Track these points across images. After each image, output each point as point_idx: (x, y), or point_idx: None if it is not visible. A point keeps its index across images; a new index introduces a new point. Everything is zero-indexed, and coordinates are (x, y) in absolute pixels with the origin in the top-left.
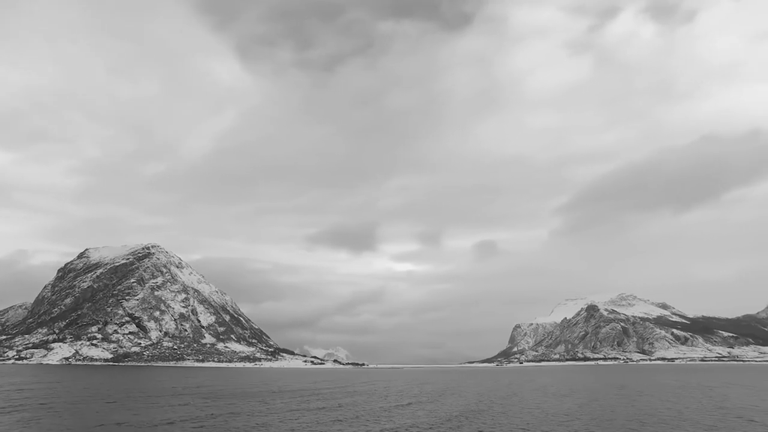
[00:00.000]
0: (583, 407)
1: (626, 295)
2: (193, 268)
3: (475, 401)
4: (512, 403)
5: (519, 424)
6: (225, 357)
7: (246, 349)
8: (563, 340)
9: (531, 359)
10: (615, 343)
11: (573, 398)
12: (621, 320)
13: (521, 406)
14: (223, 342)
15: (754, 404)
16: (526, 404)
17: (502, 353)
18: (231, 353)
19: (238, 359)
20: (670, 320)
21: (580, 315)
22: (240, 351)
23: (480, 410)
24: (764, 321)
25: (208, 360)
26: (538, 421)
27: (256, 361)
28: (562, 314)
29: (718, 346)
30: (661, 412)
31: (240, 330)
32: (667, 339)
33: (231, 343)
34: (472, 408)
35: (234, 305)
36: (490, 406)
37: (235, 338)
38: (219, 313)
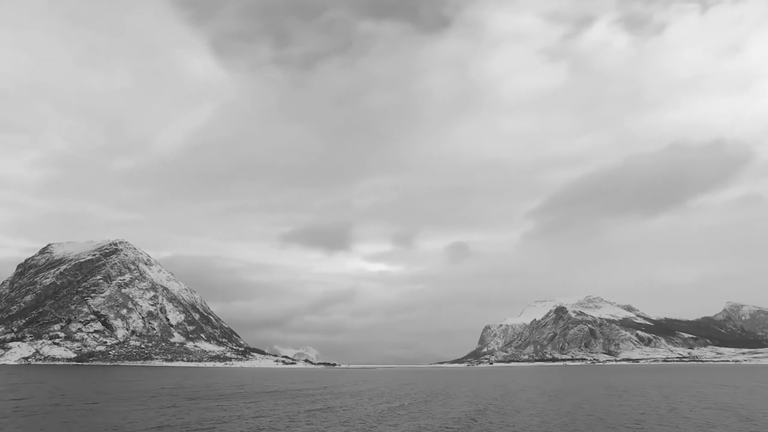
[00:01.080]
0: (585, 406)
1: (593, 297)
2: (162, 266)
3: (472, 401)
4: (515, 403)
5: (537, 423)
6: (194, 356)
7: (216, 348)
8: (532, 341)
9: (501, 360)
10: (582, 344)
11: (573, 397)
12: (588, 322)
13: (523, 406)
14: (192, 341)
15: (747, 404)
16: (530, 404)
17: (472, 354)
18: (201, 353)
19: (208, 359)
20: (635, 322)
21: (549, 316)
22: (210, 350)
23: (484, 410)
24: (721, 323)
25: (177, 359)
26: (552, 420)
27: (226, 360)
28: (531, 316)
29: (679, 347)
30: (661, 409)
31: (210, 329)
32: (632, 340)
33: (201, 342)
34: (478, 408)
35: (204, 304)
36: (501, 406)
37: (204, 337)
38: (188, 311)
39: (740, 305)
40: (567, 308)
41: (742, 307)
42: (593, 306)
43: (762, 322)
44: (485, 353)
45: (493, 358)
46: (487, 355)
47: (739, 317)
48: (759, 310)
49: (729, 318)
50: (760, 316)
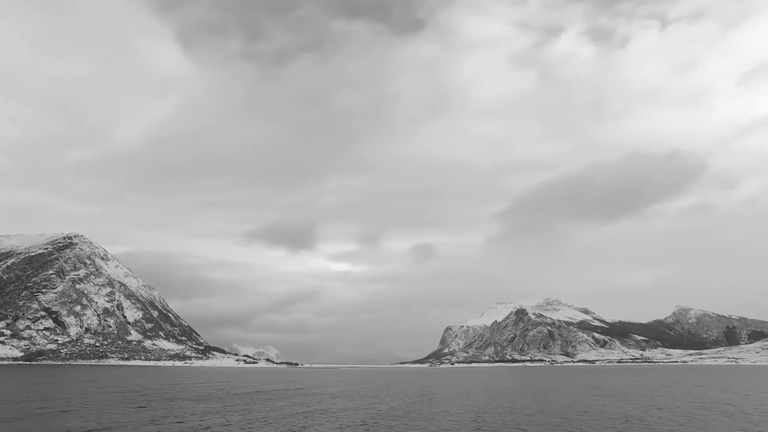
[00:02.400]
0: (579, 405)
1: (552, 300)
2: (119, 261)
3: (465, 402)
4: (516, 403)
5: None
6: (153, 355)
7: (175, 346)
8: (493, 342)
9: (462, 361)
10: (541, 346)
11: (568, 397)
12: (547, 324)
13: (524, 405)
14: (150, 339)
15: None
16: (532, 404)
17: (433, 354)
18: (159, 351)
19: (167, 357)
20: (592, 324)
21: (510, 318)
22: (169, 349)
23: (483, 411)
24: (671, 326)
25: (134, 358)
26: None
27: (186, 359)
28: (492, 317)
29: (633, 349)
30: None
31: (169, 327)
32: (589, 342)
33: (159, 340)
34: (484, 409)
35: (163, 301)
36: (498, 406)
37: (163, 335)
38: (147, 308)
39: (688, 309)
40: (527, 310)
41: (689, 310)
42: (552, 308)
43: (706, 325)
44: (446, 354)
45: (454, 358)
46: (448, 356)
47: (686, 320)
48: (704, 313)
49: (678, 321)
50: (705, 320)
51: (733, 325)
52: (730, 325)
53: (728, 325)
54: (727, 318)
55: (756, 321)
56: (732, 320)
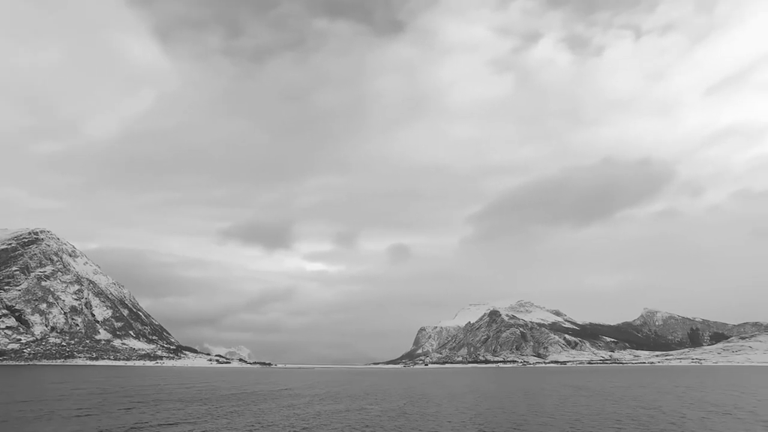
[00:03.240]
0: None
1: (525, 302)
2: (88, 258)
3: (463, 402)
4: (524, 404)
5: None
6: (122, 355)
7: (146, 346)
8: (466, 343)
9: (435, 361)
10: (514, 347)
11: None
12: (520, 325)
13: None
14: (120, 338)
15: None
16: (534, 405)
17: (407, 355)
18: (129, 351)
19: (137, 357)
20: (563, 326)
21: (483, 319)
22: (139, 348)
23: (483, 412)
24: (638, 328)
25: (103, 358)
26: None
27: (156, 359)
28: (465, 318)
29: (602, 350)
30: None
31: (140, 326)
32: (560, 344)
33: (129, 339)
34: (479, 410)
35: (133, 299)
36: (503, 406)
37: (133, 334)
38: (116, 307)
39: (655, 311)
40: (500, 312)
41: (656, 313)
42: (525, 310)
43: (672, 327)
44: (420, 355)
45: (428, 359)
46: (422, 357)
47: (653, 322)
48: (670, 316)
49: (645, 323)
50: (671, 322)
51: (697, 327)
52: (693, 327)
53: (692, 327)
54: (691, 320)
55: (717, 323)
56: (695, 322)
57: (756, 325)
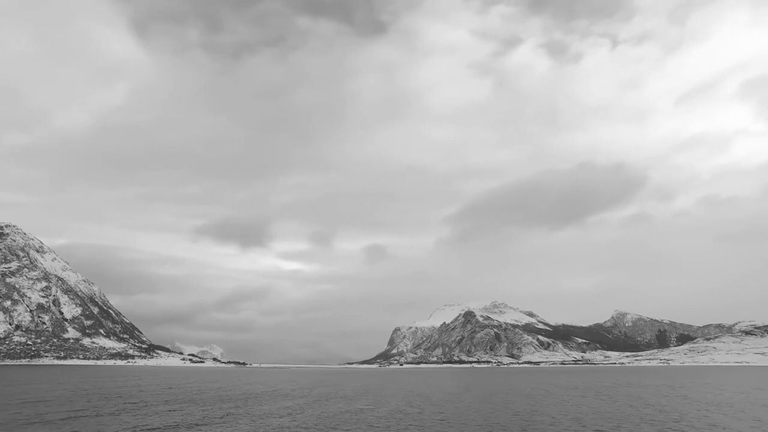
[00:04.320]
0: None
1: (499, 303)
2: (57, 254)
3: (466, 401)
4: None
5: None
6: (92, 354)
7: (117, 345)
8: (441, 343)
9: (410, 361)
10: (488, 348)
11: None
12: (494, 326)
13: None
14: (89, 337)
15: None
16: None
17: (381, 355)
18: (99, 350)
19: (108, 356)
20: (536, 327)
21: (458, 320)
22: (110, 347)
23: (496, 409)
24: (609, 329)
25: (72, 357)
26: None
27: (128, 358)
28: (440, 319)
29: (574, 351)
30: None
31: (110, 324)
32: (533, 344)
33: (99, 338)
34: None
35: (103, 297)
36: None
37: (104, 333)
38: (86, 304)
39: (625, 313)
40: (475, 313)
41: (626, 315)
42: (499, 311)
43: (641, 329)
44: (394, 355)
45: (402, 359)
46: (396, 357)
47: (623, 324)
48: (640, 318)
49: (615, 325)
50: (640, 324)
51: (664, 329)
52: (661, 328)
53: (660, 329)
54: (659, 322)
55: (684, 325)
56: (663, 324)
57: (719, 326)
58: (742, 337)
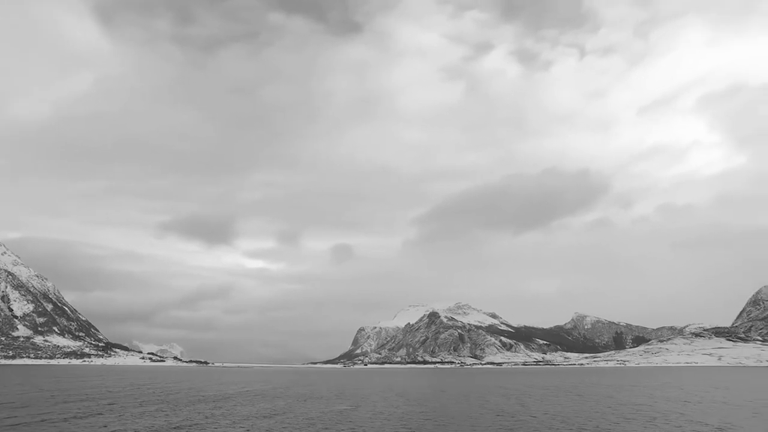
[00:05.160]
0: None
1: (462, 304)
2: (7, 248)
3: (458, 400)
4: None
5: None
6: (45, 353)
7: (72, 343)
8: (405, 343)
9: (374, 361)
10: (452, 348)
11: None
12: (458, 327)
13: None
14: (42, 335)
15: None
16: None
17: (345, 355)
18: (52, 348)
19: (62, 355)
20: (499, 329)
21: (423, 321)
22: (64, 345)
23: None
24: (569, 331)
25: (22, 356)
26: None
27: (84, 357)
28: (405, 319)
29: (535, 352)
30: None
31: (65, 321)
32: (496, 345)
33: (53, 336)
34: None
35: (57, 293)
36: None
37: (58, 331)
38: (39, 301)
39: (584, 316)
40: (439, 313)
41: (585, 317)
42: (462, 312)
43: (599, 331)
44: (358, 354)
45: (366, 359)
46: (360, 357)
47: (583, 326)
48: (598, 320)
49: (575, 327)
50: (599, 326)
51: (621, 331)
52: (618, 330)
53: (617, 331)
54: (616, 324)
55: (639, 327)
56: (620, 326)
57: (671, 329)
58: (692, 339)
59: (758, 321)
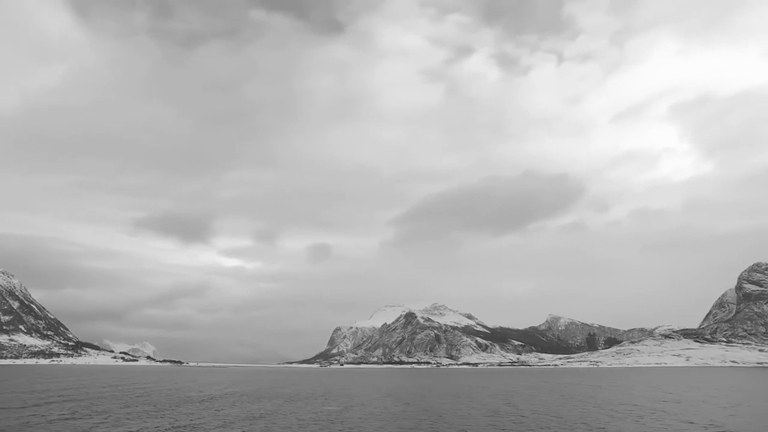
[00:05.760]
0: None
1: (439, 305)
2: None
3: (447, 400)
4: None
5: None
6: (10, 352)
7: (39, 342)
8: (382, 344)
9: (350, 361)
10: (428, 349)
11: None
12: (435, 328)
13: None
14: (7, 334)
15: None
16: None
17: (321, 355)
18: (18, 348)
19: (28, 354)
20: (475, 329)
21: (399, 321)
22: (31, 345)
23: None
24: (543, 332)
25: None
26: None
27: (52, 357)
28: (381, 319)
29: (510, 353)
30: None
31: (32, 320)
32: (472, 346)
33: (19, 335)
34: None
35: (24, 290)
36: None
37: (24, 329)
38: (4, 298)
39: (558, 317)
40: (416, 314)
41: (559, 318)
42: (439, 313)
43: (573, 332)
44: (335, 354)
45: (343, 359)
46: (337, 357)
47: (557, 327)
48: (572, 322)
49: (549, 328)
50: (572, 327)
51: (594, 333)
52: (591, 332)
53: (590, 333)
54: (589, 326)
55: (611, 329)
56: (593, 328)
57: (642, 330)
58: (661, 340)
59: (723, 323)
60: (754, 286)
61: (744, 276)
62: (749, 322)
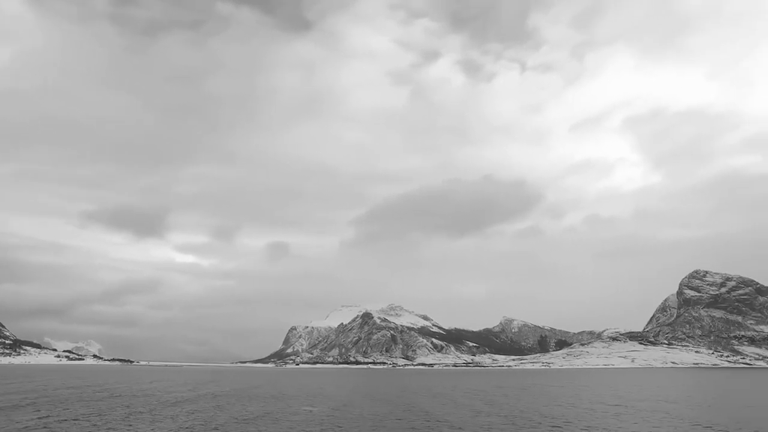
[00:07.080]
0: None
1: (395, 305)
2: None
3: (437, 401)
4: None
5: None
6: None
7: None
8: (338, 344)
9: (306, 361)
10: (384, 349)
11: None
12: (391, 328)
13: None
14: None
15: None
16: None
17: (276, 354)
18: None
19: None
20: (431, 330)
21: (356, 321)
22: None
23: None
24: (497, 334)
25: None
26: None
27: None
28: (338, 319)
29: (465, 354)
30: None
31: None
32: (428, 347)
33: None
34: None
35: None
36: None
37: None
38: None
39: (512, 319)
40: (373, 314)
41: (513, 321)
42: (395, 314)
43: (526, 334)
44: (290, 354)
45: (298, 359)
46: (292, 356)
47: (510, 329)
48: (525, 324)
49: (503, 330)
50: (525, 329)
51: (545, 335)
52: (543, 334)
53: (542, 335)
54: (541, 328)
55: (561, 331)
56: (545, 330)
57: (591, 333)
58: (609, 342)
59: (665, 326)
60: (693, 291)
61: (684, 282)
62: (688, 326)
